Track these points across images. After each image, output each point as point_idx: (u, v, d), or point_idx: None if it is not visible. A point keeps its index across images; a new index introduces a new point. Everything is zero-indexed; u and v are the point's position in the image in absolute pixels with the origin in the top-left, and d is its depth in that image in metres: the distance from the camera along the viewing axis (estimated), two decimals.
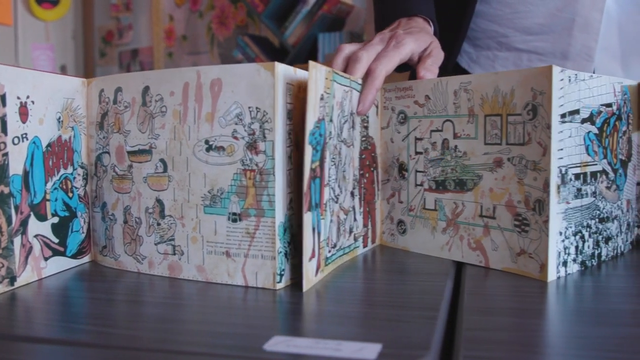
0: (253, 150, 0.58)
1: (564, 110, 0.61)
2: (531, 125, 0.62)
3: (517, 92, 0.63)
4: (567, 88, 0.62)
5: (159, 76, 0.63)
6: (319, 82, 0.59)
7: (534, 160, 0.62)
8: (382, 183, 0.80)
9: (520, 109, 0.63)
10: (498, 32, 1.09)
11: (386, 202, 0.80)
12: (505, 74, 0.64)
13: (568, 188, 0.62)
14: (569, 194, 0.63)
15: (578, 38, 1.03)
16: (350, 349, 0.41)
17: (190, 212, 0.62)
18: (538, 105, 0.61)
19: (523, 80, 0.62)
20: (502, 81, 0.65)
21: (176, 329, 0.49)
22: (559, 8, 1.03)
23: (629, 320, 0.50)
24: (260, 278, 0.59)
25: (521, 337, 0.45)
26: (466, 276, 0.64)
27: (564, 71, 0.61)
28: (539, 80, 0.61)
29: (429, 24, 0.93)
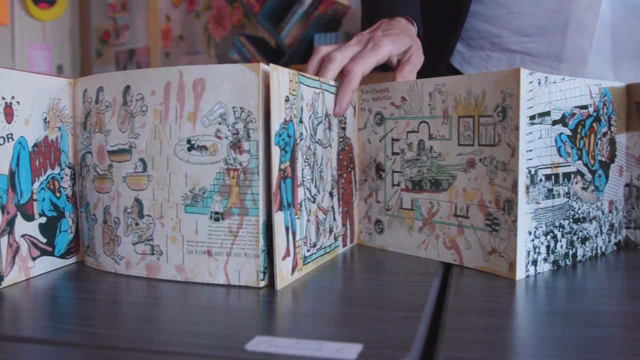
0: (237, 150, 0.58)
1: (534, 112, 0.62)
2: (501, 126, 0.63)
3: (488, 94, 0.64)
4: (537, 90, 0.62)
5: (140, 75, 0.63)
6: (282, 84, 0.60)
7: (504, 161, 0.63)
8: (360, 183, 0.81)
9: (491, 111, 0.64)
10: (492, 33, 1.09)
11: (364, 202, 0.80)
12: (478, 76, 0.65)
13: (538, 188, 0.63)
14: (539, 195, 0.63)
15: (572, 41, 1.03)
16: (331, 349, 0.41)
17: (170, 212, 0.62)
18: (507, 107, 0.62)
19: (494, 83, 0.63)
20: (474, 83, 0.65)
21: (159, 328, 0.49)
22: (553, 10, 1.03)
23: (609, 321, 0.50)
24: (244, 276, 0.59)
25: (501, 337, 0.46)
26: (453, 276, 0.64)
27: (533, 74, 0.62)
28: (508, 82, 0.62)
29: (413, 25, 0.93)
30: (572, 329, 0.47)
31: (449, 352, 0.42)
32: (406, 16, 0.92)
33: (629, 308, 0.54)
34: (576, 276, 0.64)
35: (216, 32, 3.58)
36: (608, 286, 0.62)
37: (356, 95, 0.79)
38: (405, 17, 0.92)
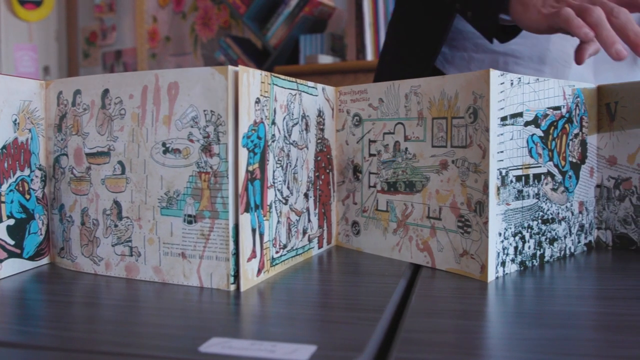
0: (207, 153, 0.59)
1: (505, 113, 0.63)
2: (472, 128, 0.63)
3: (460, 95, 0.64)
4: (509, 91, 0.63)
5: (118, 79, 0.64)
6: (253, 86, 0.60)
7: (475, 162, 0.63)
8: (338, 185, 0.82)
9: (463, 112, 0.64)
10: (475, 34, 1.08)
11: (342, 204, 0.81)
12: (451, 77, 0.66)
13: (508, 190, 0.64)
14: (509, 196, 0.64)
15: (557, 44, 1.04)
16: (284, 351, 0.42)
17: (147, 214, 0.63)
18: (478, 109, 0.62)
19: (466, 84, 0.64)
20: (447, 85, 0.66)
21: (120, 330, 0.49)
22: None
23: (563, 321, 0.51)
24: (215, 279, 0.60)
25: (458, 338, 0.47)
26: (420, 278, 0.65)
27: (505, 75, 0.63)
28: (478, 83, 0.62)
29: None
30: (538, 329, 0.48)
31: (401, 353, 0.42)
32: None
33: (598, 309, 0.55)
34: (544, 277, 0.65)
35: (203, 33, 3.58)
36: (576, 287, 0.63)
37: (334, 97, 0.80)
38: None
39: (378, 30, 2.63)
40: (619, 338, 0.46)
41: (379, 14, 2.64)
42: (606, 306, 0.56)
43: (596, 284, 0.65)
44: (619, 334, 0.47)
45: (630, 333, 0.47)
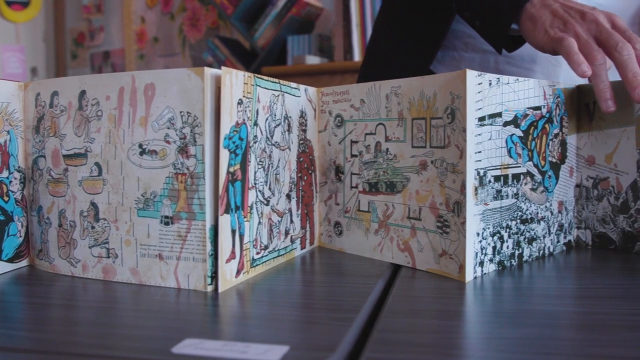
0: (184, 154, 0.59)
1: (483, 113, 0.63)
2: (450, 128, 0.63)
3: (438, 96, 0.65)
4: (487, 92, 0.63)
5: (95, 80, 0.64)
6: (236, 87, 0.60)
7: (453, 162, 0.63)
8: (320, 185, 0.82)
9: (441, 113, 0.64)
10: (465, 33, 1.08)
11: (324, 204, 0.81)
12: (430, 78, 0.66)
13: (487, 190, 0.64)
14: (488, 196, 0.64)
15: None
16: (256, 351, 0.42)
17: (124, 215, 0.62)
18: (456, 109, 0.62)
19: (444, 85, 0.64)
20: (426, 85, 0.66)
21: (95, 332, 0.49)
22: None
23: (541, 321, 0.51)
24: (192, 280, 0.60)
25: (432, 338, 0.47)
26: (399, 278, 0.65)
27: (483, 75, 0.63)
28: (456, 84, 0.62)
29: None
30: (514, 329, 0.48)
31: (373, 353, 0.42)
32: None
33: (575, 308, 0.55)
34: (522, 277, 0.66)
35: (191, 34, 3.57)
36: (554, 286, 0.63)
37: (317, 98, 0.80)
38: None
39: (365, 31, 2.63)
40: (595, 337, 0.46)
41: (366, 15, 2.64)
42: (584, 305, 0.56)
43: (574, 284, 0.65)
44: (595, 333, 0.47)
45: (607, 332, 0.47)
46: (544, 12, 0.82)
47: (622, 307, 0.54)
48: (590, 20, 0.77)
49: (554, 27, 0.80)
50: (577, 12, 0.79)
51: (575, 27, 0.78)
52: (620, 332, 0.47)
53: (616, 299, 0.57)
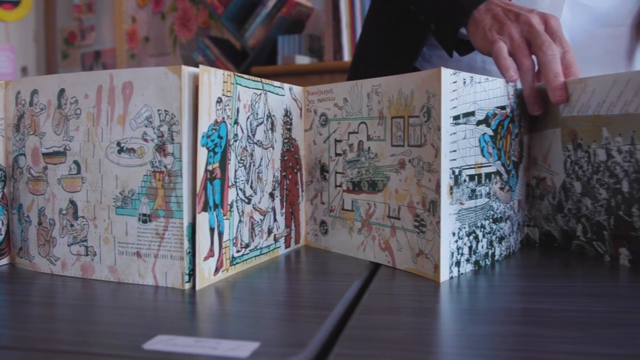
0: (162, 152, 0.59)
1: (458, 112, 0.63)
2: (426, 127, 0.63)
3: (415, 94, 0.65)
4: (462, 90, 0.63)
5: (74, 79, 0.64)
6: (215, 86, 0.61)
7: (429, 161, 0.63)
8: (306, 184, 0.82)
9: (418, 111, 0.64)
10: None
11: (310, 203, 0.81)
12: (408, 76, 0.66)
13: (462, 189, 0.64)
14: (463, 195, 0.64)
15: None
16: (226, 347, 0.42)
17: (103, 213, 0.63)
18: (431, 108, 0.62)
19: (420, 83, 0.64)
20: (404, 84, 0.66)
21: (70, 329, 0.49)
22: None
23: (512, 318, 0.51)
24: (170, 278, 0.60)
25: (402, 335, 0.47)
26: (377, 276, 0.65)
27: (457, 74, 0.63)
28: (431, 82, 0.62)
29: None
30: (483, 326, 0.49)
31: (342, 349, 0.43)
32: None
33: (547, 306, 0.55)
34: (495, 275, 0.66)
35: (182, 34, 3.57)
36: (527, 284, 0.63)
37: (303, 97, 0.81)
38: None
39: (355, 31, 2.64)
40: (566, 334, 0.47)
41: (356, 15, 2.65)
42: (555, 303, 0.56)
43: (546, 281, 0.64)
44: (566, 330, 0.48)
45: (578, 329, 0.48)
46: (486, 16, 0.83)
47: (593, 304, 0.55)
48: (524, 22, 0.78)
49: (492, 30, 0.81)
50: (514, 15, 0.80)
51: (510, 29, 0.79)
52: (592, 329, 0.47)
53: (588, 297, 0.57)
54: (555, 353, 0.43)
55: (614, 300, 0.56)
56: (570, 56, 0.74)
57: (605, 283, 0.63)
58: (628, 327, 0.48)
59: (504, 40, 0.78)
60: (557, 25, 0.77)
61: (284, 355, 0.41)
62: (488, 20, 0.83)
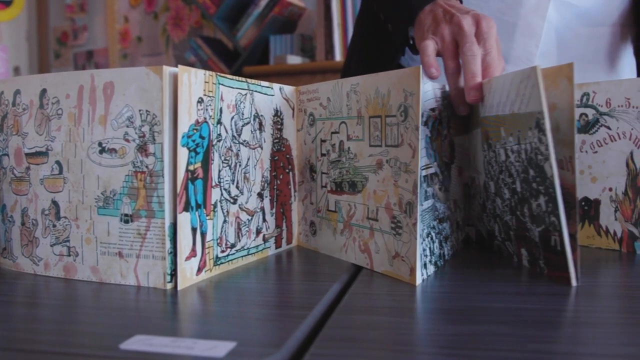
0: (143, 153, 0.59)
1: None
2: (403, 126, 0.63)
3: (392, 93, 0.64)
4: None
5: (56, 79, 0.64)
6: (195, 86, 0.61)
7: (406, 162, 0.63)
8: (299, 184, 0.81)
9: (395, 111, 0.64)
10: None
11: (302, 204, 0.81)
12: (385, 75, 0.65)
13: (424, 190, 0.64)
14: (422, 196, 0.64)
15: (520, 42, 1.04)
16: (203, 347, 0.42)
17: (85, 214, 0.63)
18: (408, 107, 0.62)
19: (397, 82, 0.63)
20: (381, 82, 0.66)
21: (50, 329, 0.49)
22: (502, 11, 1.03)
23: (484, 317, 0.52)
24: (152, 278, 0.60)
25: (379, 334, 0.47)
26: (358, 278, 0.65)
27: None
28: (409, 81, 0.62)
29: (460, 1, 0.93)
30: (453, 326, 0.49)
31: (318, 349, 0.43)
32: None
33: (518, 305, 0.56)
34: (451, 275, 0.66)
35: (174, 34, 3.56)
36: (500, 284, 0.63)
37: (295, 97, 0.81)
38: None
39: (346, 31, 2.64)
40: (537, 333, 0.47)
41: (348, 14, 2.65)
42: (526, 302, 0.56)
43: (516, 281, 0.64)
44: (537, 329, 0.48)
45: (548, 328, 0.48)
46: (428, 17, 0.84)
47: (564, 304, 0.55)
48: (455, 23, 0.79)
49: (429, 30, 0.82)
50: (450, 16, 0.81)
51: (442, 30, 0.80)
52: (563, 328, 0.48)
53: (556, 296, 0.58)
54: (523, 352, 0.43)
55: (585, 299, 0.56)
56: (491, 58, 0.75)
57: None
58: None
59: (436, 40, 0.79)
60: (487, 27, 0.78)
61: (260, 355, 0.41)
62: (428, 20, 0.84)
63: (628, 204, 0.73)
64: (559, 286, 0.61)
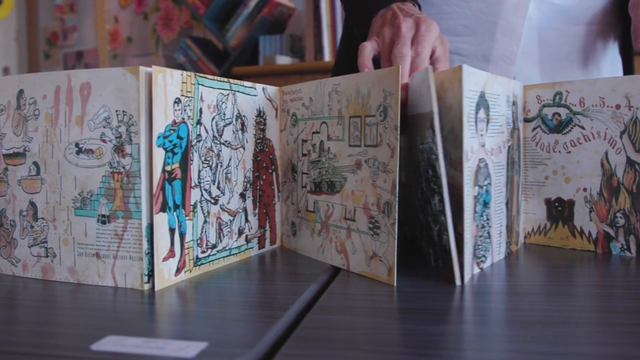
0: (120, 153, 0.59)
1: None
2: (382, 126, 0.63)
3: (372, 93, 0.64)
4: None
5: (32, 80, 0.63)
6: (171, 87, 0.61)
7: (384, 162, 0.62)
8: (282, 185, 0.81)
9: (374, 110, 0.64)
10: None
11: (284, 204, 0.81)
12: (365, 75, 0.65)
13: None
14: None
15: (501, 42, 1.05)
16: (174, 348, 0.42)
17: (62, 215, 0.62)
18: (388, 107, 0.62)
19: (377, 82, 0.63)
20: (361, 82, 0.66)
21: (24, 330, 0.49)
22: (483, 11, 1.04)
23: (462, 317, 0.52)
24: (129, 279, 0.60)
25: (353, 335, 0.47)
26: (336, 278, 0.65)
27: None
28: (388, 81, 0.62)
29: (418, 8, 0.94)
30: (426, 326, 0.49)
31: (290, 349, 0.43)
32: (412, 1, 0.93)
33: (495, 305, 0.56)
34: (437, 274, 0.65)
35: (164, 34, 3.55)
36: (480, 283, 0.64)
37: (278, 97, 0.80)
38: (412, 2, 0.93)
39: (336, 31, 2.64)
40: (514, 333, 0.47)
41: (337, 15, 2.65)
42: (503, 302, 0.57)
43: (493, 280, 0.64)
44: (514, 329, 0.48)
45: (524, 328, 0.48)
46: (379, 20, 0.87)
47: (538, 303, 0.55)
48: (395, 26, 0.81)
49: (375, 32, 0.85)
50: (394, 19, 0.83)
51: (384, 32, 0.82)
52: (538, 327, 0.48)
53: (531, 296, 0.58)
54: (500, 352, 0.43)
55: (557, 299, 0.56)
56: (420, 60, 0.76)
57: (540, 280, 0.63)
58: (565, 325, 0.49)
59: (378, 41, 0.82)
60: (425, 30, 0.79)
61: (231, 356, 0.41)
62: (378, 23, 0.86)
63: (603, 204, 0.73)
64: (537, 286, 0.62)
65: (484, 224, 0.66)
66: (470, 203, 0.62)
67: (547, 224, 0.79)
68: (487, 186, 0.66)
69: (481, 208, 0.65)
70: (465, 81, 0.60)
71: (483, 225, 0.66)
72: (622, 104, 0.71)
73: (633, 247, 0.71)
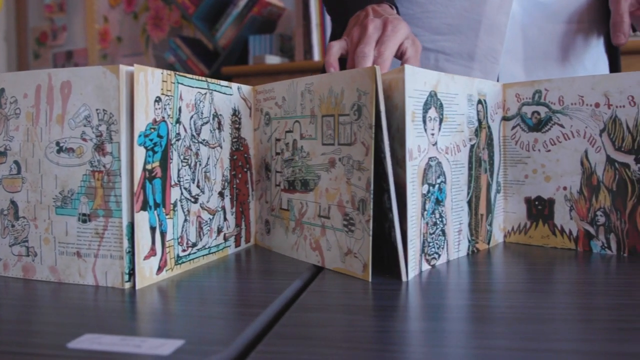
0: (100, 152, 0.59)
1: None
2: (357, 125, 0.63)
3: (346, 92, 0.65)
4: None
5: (13, 78, 0.64)
6: (152, 85, 0.61)
7: (359, 160, 0.63)
8: (256, 183, 0.82)
9: (348, 110, 0.64)
10: None
11: (258, 202, 0.81)
12: (338, 74, 0.66)
13: None
14: None
15: (484, 40, 1.05)
16: (150, 346, 0.42)
17: (43, 213, 0.62)
18: (362, 106, 0.62)
19: (350, 81, 0.64)
20: (335, 82, 0.66)
21: (9, 329, 0.49)
22: (466, 9, 1.05)
23: (437, 314, 0.52)
24: (110, 278, 0.60)
25: (331, 332, 0.47)
26: (318, 276, 0.65)
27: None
28: (363, 80, 0.62)
29: (395, 10, 0.95)
30: (407, 323, 0.49)
31: (265, 346, 0.43)
32: (389, 3, 0.95)
33: (469, 302, 0.56)
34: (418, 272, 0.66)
35: (154, 34, 3.55)
36: (456, 281, 0.64)
37: (252, 96, 0.81)
38: (389, 4, 0.95)
39: (325, 31, 2.64)
40: (486, 329, 0.48)
41: (326, 15, 2.65)
42: (477, 299, 0.57)
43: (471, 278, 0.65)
44: (486, 325, 0.49)
45: (497, 324, 0.48)
46: (353, 20, 0.90)
47: (518, 300, 0.56)
48: (363, 26, 0.84)
49: (346, 33, 0.88)
50: (364, 19, 0.86)
51: (352, 32, 0.85)
52: (518, 324, 0.48)
53: (512, 293, 0.58)
54: (472, 348, 0.44)
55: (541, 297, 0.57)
56: (382, 60, 0.79)
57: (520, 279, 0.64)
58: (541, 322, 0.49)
59: (347, 41, 0.85)
60: (391, 30, 0.81)
61: (207, 353, 0.42)
62: (351, 23, 0.89)
63: (583, 202, 0.74)
64: (517, 283, 0.62)
65: (436, 221, 0.67)
66: (416, 201, 0.63)
67: (527, 223, 0.79)
68: (441, 184, 0.67)
69: (432, 206, 0.66)
70: (409, 81, 0.61)
71: (435, 222, 0.67)
72: (601, 102, 0.72)
73: (613, 245, 0.72)
